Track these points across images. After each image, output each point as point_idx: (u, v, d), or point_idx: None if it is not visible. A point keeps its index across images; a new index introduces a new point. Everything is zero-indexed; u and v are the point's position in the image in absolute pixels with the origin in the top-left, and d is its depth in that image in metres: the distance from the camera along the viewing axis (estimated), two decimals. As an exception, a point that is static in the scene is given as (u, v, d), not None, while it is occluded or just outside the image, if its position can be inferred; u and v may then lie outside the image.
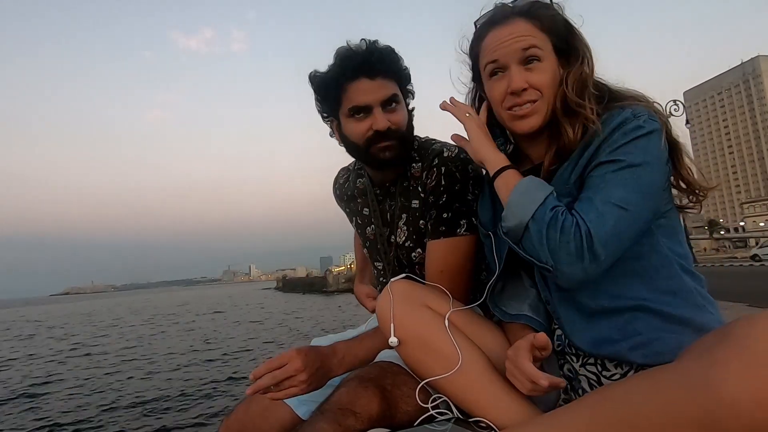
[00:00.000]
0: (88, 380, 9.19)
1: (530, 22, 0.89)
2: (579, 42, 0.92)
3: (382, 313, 0.96)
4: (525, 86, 0.88)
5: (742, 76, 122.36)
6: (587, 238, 0.77)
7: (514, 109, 0.90)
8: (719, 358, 0.57)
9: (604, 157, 0.82)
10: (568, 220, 0.79)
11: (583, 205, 0.81)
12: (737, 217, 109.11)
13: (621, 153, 0.81)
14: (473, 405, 0.89)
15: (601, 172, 0.82)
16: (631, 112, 0.84)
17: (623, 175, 0.80)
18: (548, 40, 0.89)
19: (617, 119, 0.83)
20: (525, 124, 0.91)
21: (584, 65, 0.90)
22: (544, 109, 0.89)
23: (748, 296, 5.73)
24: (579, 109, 0.86)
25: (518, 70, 0.88)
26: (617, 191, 0.79)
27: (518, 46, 0.88)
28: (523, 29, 0.89)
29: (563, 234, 0.78)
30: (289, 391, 0.91)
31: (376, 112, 1.10)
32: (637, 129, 0.82)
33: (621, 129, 0.82)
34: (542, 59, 0.88)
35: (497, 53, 0.90)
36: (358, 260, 1.53)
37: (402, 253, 1.22)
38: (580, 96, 0.87)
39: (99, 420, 6.35)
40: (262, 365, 0.91)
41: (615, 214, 0.78)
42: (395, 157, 1.12)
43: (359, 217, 1.34)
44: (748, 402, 0.52)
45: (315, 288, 46.41)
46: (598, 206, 0.79)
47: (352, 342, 1.07)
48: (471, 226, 1.11)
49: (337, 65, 1.11)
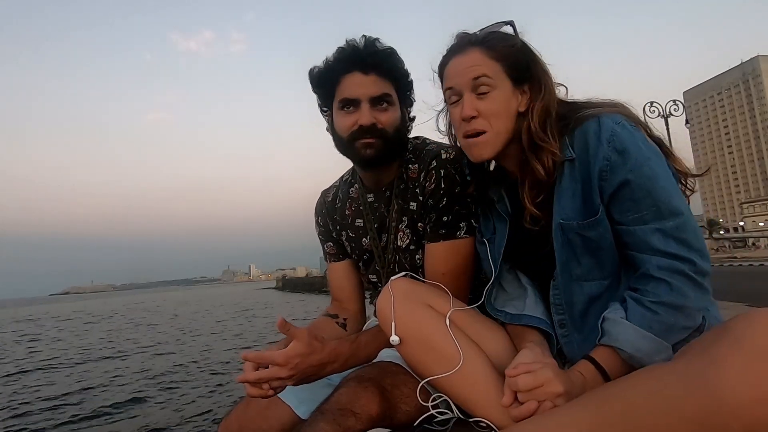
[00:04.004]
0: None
1: (484, 52, 0.92)
2: (539, 69, 0.94)
3: (383, 311, 0.96)
4: (474, 114, 0.91)
5: (742, 76, 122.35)
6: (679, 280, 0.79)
7: (467, 137, 0.94)
8: (718, 355, 0.57)
9: (613, 183, 0.84)
10: (655, 293, 0.80)
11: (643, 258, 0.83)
12: (737, 217, 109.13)
13: (621, 172, 0.83)
14: (474, 405, 0.89)
15: (623, 207, 0.84)
16: (607, 119, 0.86)
17: (642, 193, 0.82)
18: (501, 69, 0.92)
19: (593, 131, 0.86)
20: (476, 153, 0.94)
21: (544, 94, 0.92)
22: (493, 140, 0.92)
23: (748, 296, 5.72)
24: (544, 144, 0.89)
25: (469, 98, 0.91)
26: (658, 211, 0.81)
27: (470, 75, 0.91)
28: (476, 59, 0.92)
29: (669, 310, 0.79)
30: (269, 392, 0.93)
31: (363, 106, 1.09)
32: (620, 133, 0.84)
33: (605, 140, 0.84)
34: (493, 88, 0.91)
35: (453, 81, 0.94)
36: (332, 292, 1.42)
37: (405, 257, 1.20)
38: (543, 129, 0.90)
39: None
40: (254, 352, 0.93)
41: (675, 231, 0.80)
42: (377, 155, 1.11)
43: (351, 230, 1.30)
44: (747, 399, 0.52)
45: (315, 288, 46.39)
46: (656, 242, 0.81)
47: (353, 343, 1.06)
48: (470, 228, 1.11)
49: (333, 57, 1.12)
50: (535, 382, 0.75)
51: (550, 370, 0.77)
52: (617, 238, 0.87)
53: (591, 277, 0.91)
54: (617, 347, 0.80)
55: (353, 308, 1.34)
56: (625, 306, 0.83)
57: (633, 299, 0.82)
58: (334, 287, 1.37)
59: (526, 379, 0.76)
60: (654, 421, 0.59)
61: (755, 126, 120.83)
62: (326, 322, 1.26)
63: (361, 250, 1.29)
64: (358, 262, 1.32)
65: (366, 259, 1.29)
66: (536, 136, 0.90)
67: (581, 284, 0.91)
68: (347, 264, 1.35)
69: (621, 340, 0.80)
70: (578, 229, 0.88)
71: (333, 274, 1.37)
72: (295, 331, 0.93)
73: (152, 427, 5.56)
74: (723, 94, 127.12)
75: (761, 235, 25.82)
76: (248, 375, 0.91)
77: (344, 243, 1.33)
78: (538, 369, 0.77)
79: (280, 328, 0.93)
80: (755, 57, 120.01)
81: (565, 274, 0.92)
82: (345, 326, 1.27)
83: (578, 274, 0.91)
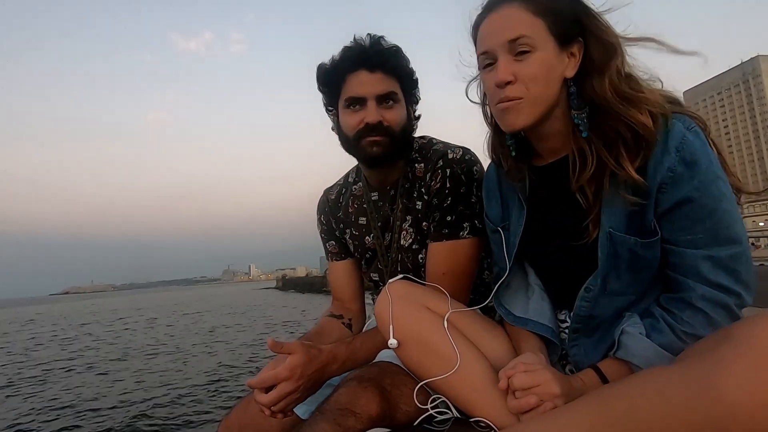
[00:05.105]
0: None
1: (524, 6, 0.79)
2: (594, 25, 0.80)
3: (381, 315, 0.96)
4: (510, 79, 0.79)
5: (742, 76, 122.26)
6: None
7: (500, 104, 0.82)
8: (721, 359, 0.57)
9: (673, 198, 0.75)
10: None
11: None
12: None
13: (686, 187, 0.74)
14: (473, 405, 0.88)
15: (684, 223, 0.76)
16: (679, 122, 0.76)
17: (703, 214, 0.74)
18: (544, 26, 0.79)
19: (661, 133, 0.75)
20: (509, 120, 0.82)
21: (607, 54, 0.78)
22: (529, 107, 0.80)
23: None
24: (632, 94, 0.76)
25: (505, 62, 0.79)
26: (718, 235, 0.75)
27: (506, 36, 0.79)
28: (514, 16, 0.79)
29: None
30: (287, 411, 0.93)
31: (369, 105, 1.09)
32: (692, 142, 0.75)
33: (673, 147, 0.75)
34: (534, 49, 0.78)
35: (487, 44, 0.82)
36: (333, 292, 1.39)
37: (407, 256, 1.20)
38: (622, 97, 0.77)
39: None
40: (257, 377, 0.92)
41: (729, 261, 0.74)
42: (383, 154, 1.11)
43: (354, 228, 1.29)
44: (749, 403, 0.52)
45: (315, 288, 46.35)
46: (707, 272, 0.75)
47: (352, 345, 1.05)
48: (474, 229, 1.10)
49: (339, 56, 1.12)
50: (533, 382, 0.75)
51: (549, 372, 0.77)
52: (661, 256, 0.80)
53: (625, 292, 0.84)
54: (632, 363, 0.77)
55: (355, 307, 1.34)
56: (649, 322, 0.78)
57: (665, 321, 0.77)
58: (336, 286, 1.37)
59: (523, 377, 0.76)
60: (656, 424, 0.58)
61: (755, 126, 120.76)
62: (331, 322, 1.26)
63: (363, 249, 1.29)
64: (361, 261, 1.32)
65: (368, 257, 1.29)
66: (618, 91, 0.77)
67: (612, 298, 0.84)
68: (349, 263, 1.35)
69: (638, 357, 0.77)
70: (634, 245, 0.79)
71: (334, 273, 1.37)
72: (289, 346, 0.93)
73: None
74: (723, 94, 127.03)
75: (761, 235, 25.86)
76: (262, 399, 0.90)
77: (347, 241, 1.33)
78: (537, 369, 0.77)
79: (272, 348, 0.92)
80: (755, 57, 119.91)
81: (602, 287, 0.84)
82: (350, 326, 1.27)
83: (613, 289, 0.84)
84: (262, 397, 0.90)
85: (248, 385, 0.92)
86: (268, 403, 0.90)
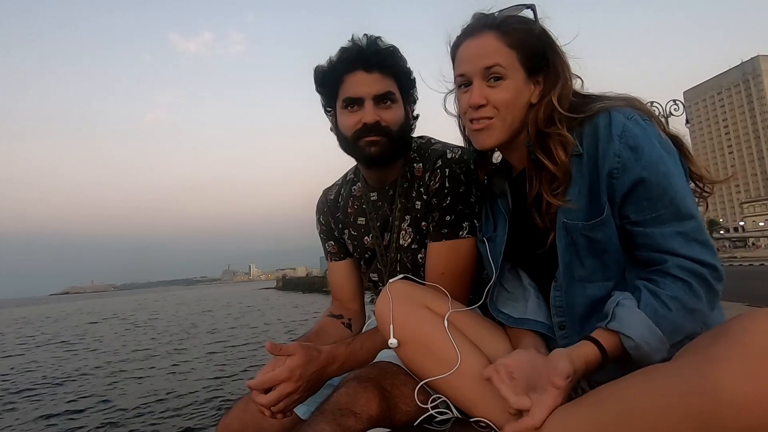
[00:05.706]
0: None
1: (500, 37, 0.88)
2: (557, 59, 0.90)
3: (381, 314, 0.96)
4: (483, 102, 0.89)
5: (742, 76, 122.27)
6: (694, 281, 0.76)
7: (473, 122, 0.92)
8: (717, 354, 0.57)
9: (626, 182, 0.80)
10: (669, 290, 0.76)
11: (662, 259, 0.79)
12: (737, 216, 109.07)
13: (634, 169, 0.79)
14: (473, 405, 0.89)
15: (639, 215, 0.80)
16: (618, 113, 0.82)
17: (658, 191, 0.78)
18: (516, 58, 0.88)
19: (603, 126, 0.82)
20: (480, 140, 0.92)
21: (560, 86, 0.88)
22: (499, 127, 0.90)
23: (748, 296, 5.73)
24: (551, 131, 0.86)
25: (479, 86, 0.89)
26: (670, 213, 0.78)
27: (482, 63, 0.88)
28: (490, 45, 0.88)
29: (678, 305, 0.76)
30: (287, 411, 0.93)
31: (367, 105, 1.09)
32: (632, 128, 0.81)
33: (616, 135, 0.81)
34: (505, 77, 0.88)
35: (464, 67, 0.91)
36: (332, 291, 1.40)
37: (407, 256, 1.20)
38: (550, 121, 0.87)
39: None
40: (256, 379, 0.91)
41: (696, 234, 0.78)
42: (381, 154, 1.11)
43: (353, 228, 1.29)
44: (745, 398, 0.53)
45: (315, 288, 46.38)
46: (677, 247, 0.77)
47: (351, 345, 1.05)
48: (473, 228, 1.11)
49: (336, 56, 1.12)
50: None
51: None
52: (629, 240, 0.83)
53: (594, 278, 0.87)
54: (625, 334, 0.75)
55: (354, 307, 1.34)
56: (638, 296, 0.78)
57: (648, 290, 0.78)
58: (335, 286, 1.37)
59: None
60: (654, 421, 0.59)
61: (755, 126, 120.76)
62: (331, 322, 1.26)
63: (363, 249, 1.29)
64: (360, 261, 1.32)
65: (368, 257, 1.29)
66: (541, 124, 0.87)
67: (584, 286, 0.88)
68: (348, 263, 1.35)
69: (632, 329, 0.75)
70: (583, 229, 0.85)
71: (334, 273, 1.37)
72: (287, 348, 0.93)
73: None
74: (723, 93, 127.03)
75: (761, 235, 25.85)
76: (262, 400, 0.90)
77: (346, 241, 1.33)
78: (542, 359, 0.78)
79: (271, 351, 0.92)
80: (755, 57, 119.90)
81: (568, 275, 0.89)
82: (350, 326, 1.28)
83: (581, 276, 0.88)
84: (262, 398, 0.90)
85: (247, 386, 0.92)
86: (268, 404, 0.90)
